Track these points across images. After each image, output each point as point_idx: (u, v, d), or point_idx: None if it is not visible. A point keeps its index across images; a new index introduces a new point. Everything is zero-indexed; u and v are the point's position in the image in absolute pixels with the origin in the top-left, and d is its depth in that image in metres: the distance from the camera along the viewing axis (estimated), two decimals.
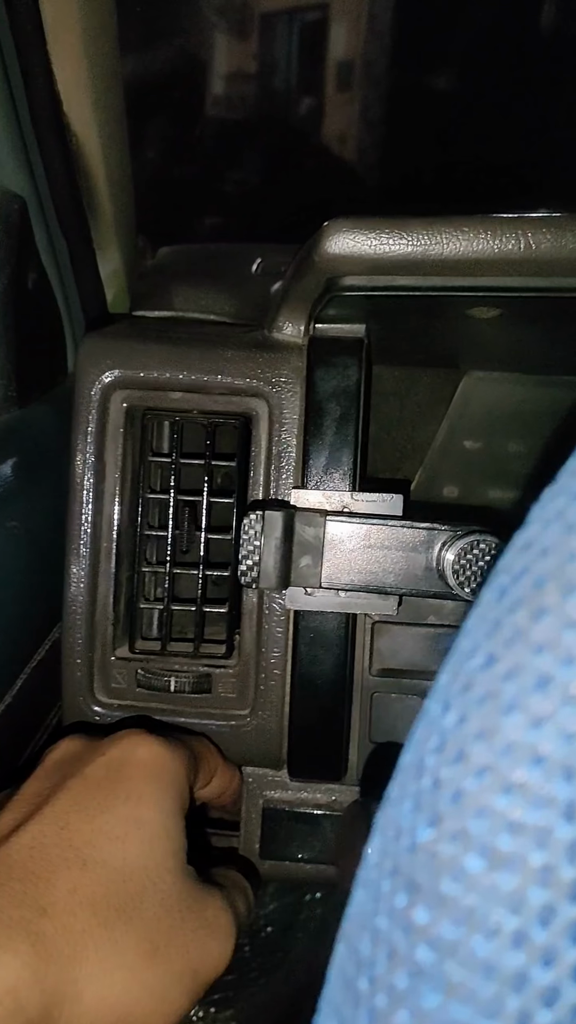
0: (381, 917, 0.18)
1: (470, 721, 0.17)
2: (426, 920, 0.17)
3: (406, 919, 0.17)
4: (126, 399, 0.56)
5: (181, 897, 0.39)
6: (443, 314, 0.55)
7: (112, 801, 0.40)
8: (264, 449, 0.56)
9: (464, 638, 0.19)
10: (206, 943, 0.39)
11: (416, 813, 0.18)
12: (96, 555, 0.56)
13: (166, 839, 0.40)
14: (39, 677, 0.61)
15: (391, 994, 0.17)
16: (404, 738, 0.54)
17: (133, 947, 0.36)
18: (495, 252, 0.47)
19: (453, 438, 0.68)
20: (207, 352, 0.56)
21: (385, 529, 0.50)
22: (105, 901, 0.37)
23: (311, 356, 0.55)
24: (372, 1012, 0.17)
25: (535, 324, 0.56)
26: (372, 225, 0.48)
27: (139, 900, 0.38)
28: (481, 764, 0.17)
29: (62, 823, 0.39)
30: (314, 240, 0.49)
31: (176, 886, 0.39)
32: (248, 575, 0.49)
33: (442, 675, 0.19)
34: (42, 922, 0.35)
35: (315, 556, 0.50)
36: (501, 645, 0.17)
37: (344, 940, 0.19)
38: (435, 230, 0.47)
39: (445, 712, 0.18)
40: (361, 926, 0.18)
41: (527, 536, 0.19)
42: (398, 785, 0.19)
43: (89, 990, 0.35)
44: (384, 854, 0.18)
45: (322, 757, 0.57)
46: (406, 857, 0.18)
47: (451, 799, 0.17)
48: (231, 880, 0.45)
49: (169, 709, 0.57)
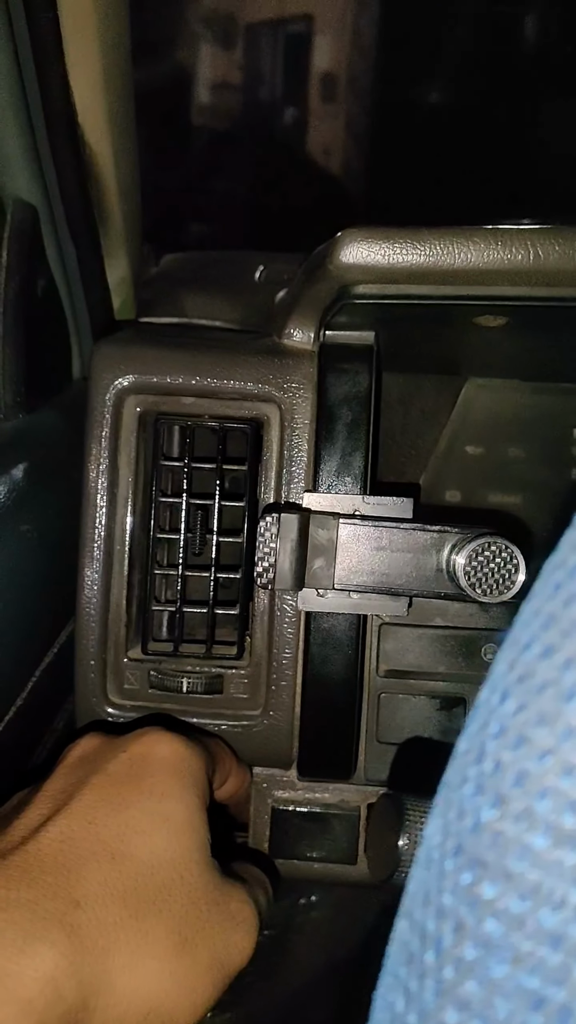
0: (446, 894, 0.19)
1: (530, 708, 0.18)
2: (493, 895, 0.18)
3: (472, 895, 0.18)
4: (139, 404, 0.57)
5: (207, 890, 0.40)
6: (451, 322, 0.56)
7: (137, 796, 0.41)
8: (276, 453, 0.57)
9: (519, 631, 0.20)
10: (231, 935, 0.40)
11: (479, 795, 0.19)
12: (109, 558, 0.57)
13: (191, 833, 0.41)
14: (49, 678, 0.62)
15: (459, 966, 0.18)
16: (410, 737, 0.55)
17: (163, 938, 0.37)
18: (504, 263, 0.48)
19: (455, 443, 0.69)
20: (219, 358, 0.57)
21: (396, 532, 0.51)
22: (135, 894, 0.38)
23: (322, 362, 0.56)
24: (440, 983, 0.18)
25: (540, 332, 0.58)
26: (385, 235, 0.49)
27: (167, 893, 0.39)
28: (544, 748, 0.18)
29: (89, 818, 0.40)
30: (327, 249, 0.50)
31: (202, 879, 0.40)
32: (264, 576, 0.50)
33: (497, 666, 0.20)
34: (76, 914, 0.35)
35: (328, 558, 0.51)
36: (559, 636, 0.19)
37: (406, 917, 0.20)
38: (447, 241, 0.48)
39: (503, 701, 0.19)
40: (425, 903, 0.19)
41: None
42: (456, 770, 0.20)
43: (121, 980, 0.36)
44: (447, 834, 0.19)
45: (332, 757, 0.58)
46: (470, 836, 0.19)
47: (514, 781, 0.18)
48: (251, 875, 0.46)
49: (181, 710, 0.58)
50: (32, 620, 0.59)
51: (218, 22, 1.76)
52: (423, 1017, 0.18)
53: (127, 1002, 0.36)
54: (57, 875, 0.37)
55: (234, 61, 1.78)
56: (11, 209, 0.61)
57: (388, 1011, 0.20)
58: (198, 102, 1.76)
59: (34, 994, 0.32)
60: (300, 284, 0.56)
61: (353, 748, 0.59)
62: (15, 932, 0.33)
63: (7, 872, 0.36)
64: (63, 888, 0.36)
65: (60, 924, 0.35)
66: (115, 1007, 0.35)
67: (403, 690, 0.61)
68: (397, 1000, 0.19)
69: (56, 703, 0.66)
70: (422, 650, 0.61)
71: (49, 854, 0.38)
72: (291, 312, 0.57)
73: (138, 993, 0.36)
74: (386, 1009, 0.20)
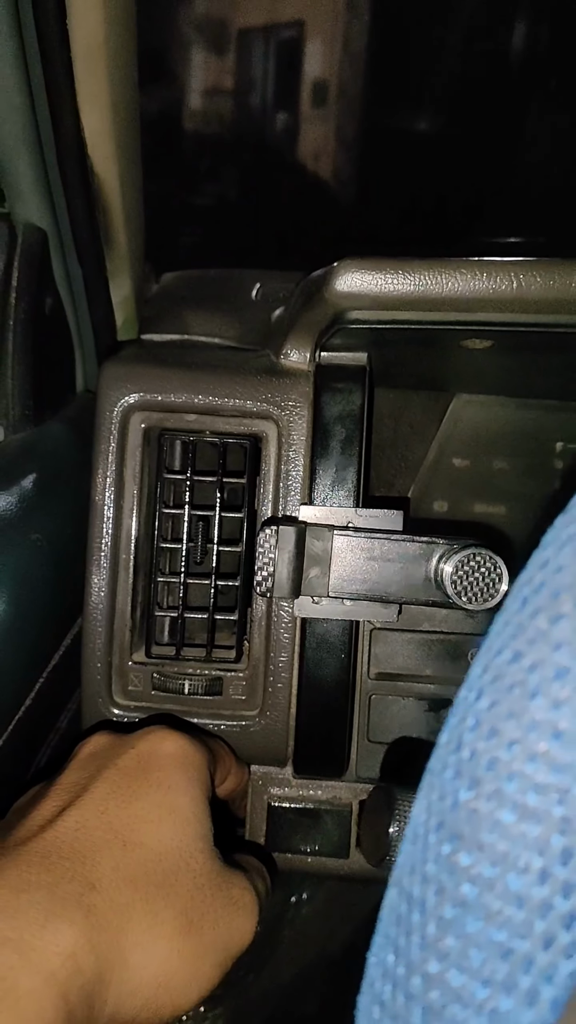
0: (430, 863, 0.22)
1: (501, 705, 0.22)
2: (468, 862, 0.21)
3: (451, 863, 0.21)
4: (144, 420, 0.60)
5: (210, 876, 0.43)
6: (439, 344, 0.59)
7: (146, 789, 0.44)
8: (273, 467, 0.60)
9: (492, 639, 0.23)
10: (233, 920, 0.43)
11: (457, 779, 0.22)
12: (115, 566, 0.60)
13: (196, 823, 0.44)
14: (54, 679, 0.65)
15: (440, 923, 0.21)
16: (399, 737, 0.59)
17: (171, 920, 0.40)
18: (490, 292, 0.52)
19: (443, 456, 0.73)
20: (220, 377, 0.60)
21: (387, 543, 0.54)
22: (145, 878, 0.41)
23: (317, 382, 0.59)
24: (424, 938, 0.21)
25: (523, 354, 0.61)
26: (378, 265, 0.52)
27: (174, 878, 0.42)
28: (511, 738, 0.21)
29: (102, 808, 0.43)
30: (324, 277, 0.54)
31: (206, 866, 0.43)
32: (263, 585, 0.53)
33: (473, 669, 0.24)
34: (92, 895, 0.39)
35: (323, 567, 0.54)
36: (525, 644, 0.22)
37: (395, 885, 0.23)
38: (436, 271, 0.52)
39: (478, 698, 0.23)
40: (411, 871, 0.23)
41: (544, 556, 0.23)
42: (438, 758, 0.23)
43: (133, 958, 0.39)
44: (430, 812, 0.23)
45: (326, 755, 0.62)
46: (450, 814, 0.22)
47: (487, 766, 0.21)
48: (251, 864, 0.49)
49: (183, 710, 0.61)
50: (41, 624, 0.62)
51: (210, 29, 1.79)
52: (410, 967, 0.22)
53: (139, 977, 0.39)
54: (73, 860, 0.40)
55: (225, 66, 1.80)
56: (22, 233, 0.64)
57: (380, 966, 0.23)
58: (188, 117, 1.79)
59: (56, 967, 0.35)
60: (297, 307, 0.59)
61: (345, 747, 0.62)
62: (37, 911, 0.36)
63: (27, 857, 0.39)
64: (79, 872, 0.39)
65: (78, 904, 0.38)
66: (128, 981, 0.38)
67: (393, 692, 0.64)
68: (388, 955, 0.23)
69: (60, 703, 0.69)
70: (411, 654, 0.64)
71: (65, 841, 0.41)
72: (288, 333, 0.60)
73: (148, 969, 0.39)
74: (378, 964, 0.23)
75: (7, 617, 0.57)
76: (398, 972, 0.22)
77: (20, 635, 0.58)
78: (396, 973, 0.22)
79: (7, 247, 0.64)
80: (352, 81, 1.76)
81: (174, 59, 1.73)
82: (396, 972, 0.22)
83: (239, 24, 1.79)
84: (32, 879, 0.38)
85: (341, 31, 1.77)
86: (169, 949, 0.40)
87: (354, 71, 1.75)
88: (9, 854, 0.40)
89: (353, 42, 1.75)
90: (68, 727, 0.70)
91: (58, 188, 0.62)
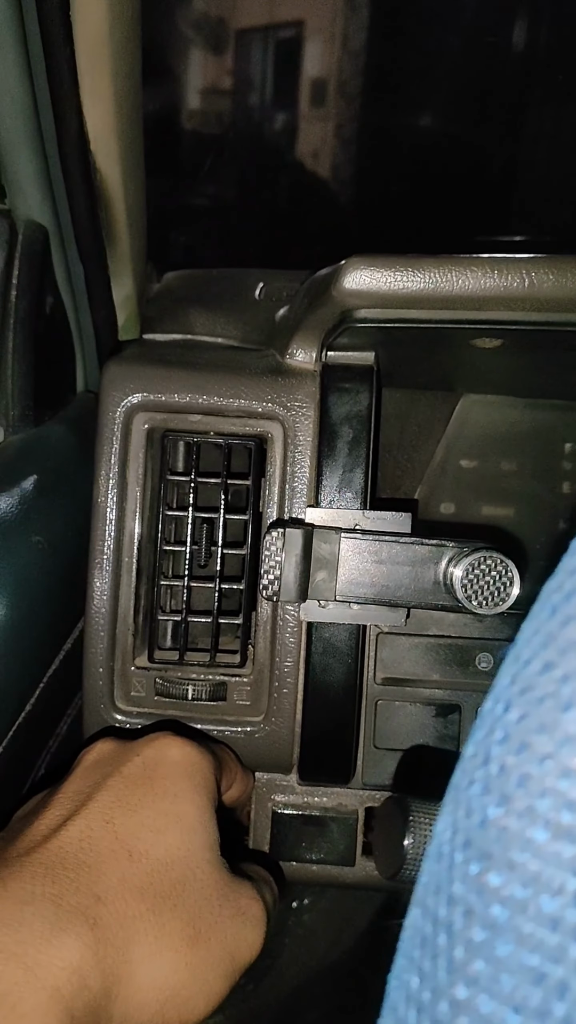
0: (456, 883, 0.21)
1: (531, 717, 0.21)
2: (498, 883, 0.20)
3: (480, 883, 0.20)
4: (147, 421, 0.59)
5: (218, 886, 0.42)
6: (448, 344, 0.58)
7: (151, 797, 0.43)
8: (279, 469, 0.59)
9: (520, 648, 0.22)
10: (241, 930, 0.42)
11: (485, 795, 0.21)
12: (118, 569, 0.59)
13: (202, 832, 0.43)
14: (55, 684, 0.64)
15: (469, 946, 0.20)
16: (406, 743, 0.58)
17: (178, 932, 0.39)
18: (500, 289, 0.51)
19: (450, 457, 0.72)
20: (225, 377, 0.59)
21: (396, 545, 0.53)
22: (151, 889, 0.40)
23: (324, 382, 0.58)
24: (451, 962, 0.20)
25: (532, 353, 0.60)
26: (387, 263, 0.51)
27: (181, 888, 0.41)
28: (543, 752, 0.20)
29: (107, 817, 0.42)
30: (331, 275, 0.53)
31: (213, 876, 0.42)
32: (270, 588, 0.52)
33: (500, 679, 0.23)
34: (98, 908, 0.38)
35: (331, 571, 0.53)
36: (556, 654, 0.21)
37: (419, 905, 0.22)
38: (446, 268, 0.51)
39: (507, 710, 0.22)
40: (436, 891, 0.22)
41: (573, 563, 0.22)
42: (463, 772, 0.22)
43: (141, 971, 0.38)
44: (456, 829, 0.22)
45: (332, 762, 0.61)
46: (478, 831, 0.21)
47: (518, 782, 0.20)
48: (258, 874, 0.48)
49: (186, 716, 0.60)
50: (41, 627, 0.61)
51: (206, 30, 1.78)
52: (436, 993, 0.21)
53: (146, 991, 0.38)
54: (79, 871, 0.39)
55: (223, 66, 1.80)
56: (23, 230, 0.63)
57: (403, 989, 0.22)
58: (190, 116, 1.78)
59: (62, 982, 0.34)
60: (303, 306, 0.58)
61: (352, 754, 0.61)
62: (42, 924, 0.35)
63: (31, 868, 0.38)
64: (85, 884, 0.38)
65: (84, 917, 0.37)
66: (135, 996, 0.37)
67: (399, 697, 0.63)
68: (412, 978, 0.22)
69: (61, 709, 0.68)
70: (418, 659, 0.63)
71: (70, 852, 0.40)
72: (294, 333, 0.59)
73: (156, 983, 0.38)
74: (401, 988, 0.22)
75: (7, 621, 0.56)
76: (423, 997, 0.21)
77: (20, 639, 0.57)
78: (421, 998, 0.21)
79: (7, 244, 0.63)
80: (355, 79, 1.76)
81: (174, 59, 1.72)
82: (421, 997, 0.21)
83: (242, 23, 1.78)
84: (37, 891, 0.37)
85: (340, 30, 1.76)
86: (176, 961, 0.39)
87: (355, 69, 1.75)
88: (13, 865, 0.39)
89: (352, 40, 1.75)
90: (69, 733, 0.69)
91: (60, 184, 0.61)
